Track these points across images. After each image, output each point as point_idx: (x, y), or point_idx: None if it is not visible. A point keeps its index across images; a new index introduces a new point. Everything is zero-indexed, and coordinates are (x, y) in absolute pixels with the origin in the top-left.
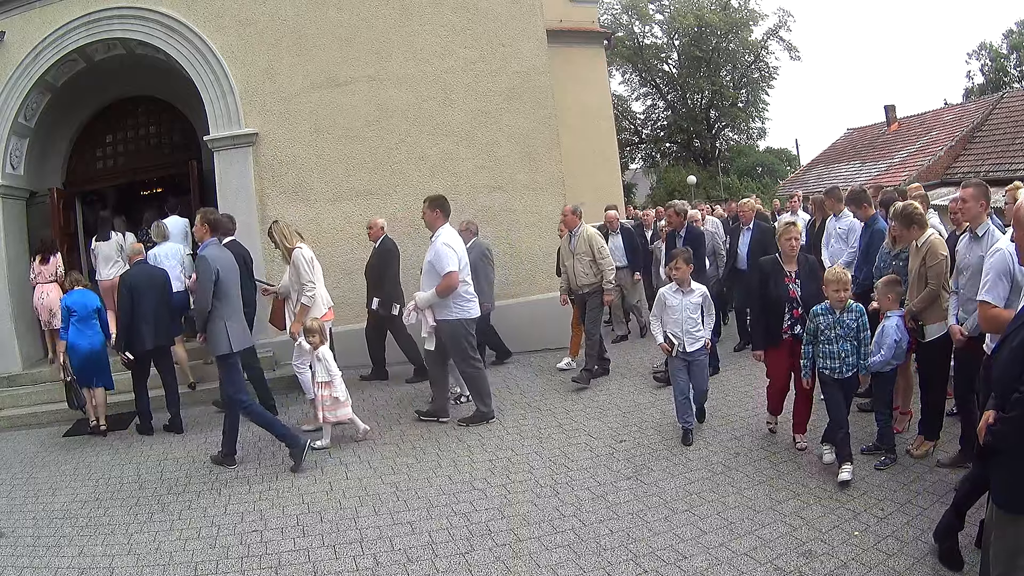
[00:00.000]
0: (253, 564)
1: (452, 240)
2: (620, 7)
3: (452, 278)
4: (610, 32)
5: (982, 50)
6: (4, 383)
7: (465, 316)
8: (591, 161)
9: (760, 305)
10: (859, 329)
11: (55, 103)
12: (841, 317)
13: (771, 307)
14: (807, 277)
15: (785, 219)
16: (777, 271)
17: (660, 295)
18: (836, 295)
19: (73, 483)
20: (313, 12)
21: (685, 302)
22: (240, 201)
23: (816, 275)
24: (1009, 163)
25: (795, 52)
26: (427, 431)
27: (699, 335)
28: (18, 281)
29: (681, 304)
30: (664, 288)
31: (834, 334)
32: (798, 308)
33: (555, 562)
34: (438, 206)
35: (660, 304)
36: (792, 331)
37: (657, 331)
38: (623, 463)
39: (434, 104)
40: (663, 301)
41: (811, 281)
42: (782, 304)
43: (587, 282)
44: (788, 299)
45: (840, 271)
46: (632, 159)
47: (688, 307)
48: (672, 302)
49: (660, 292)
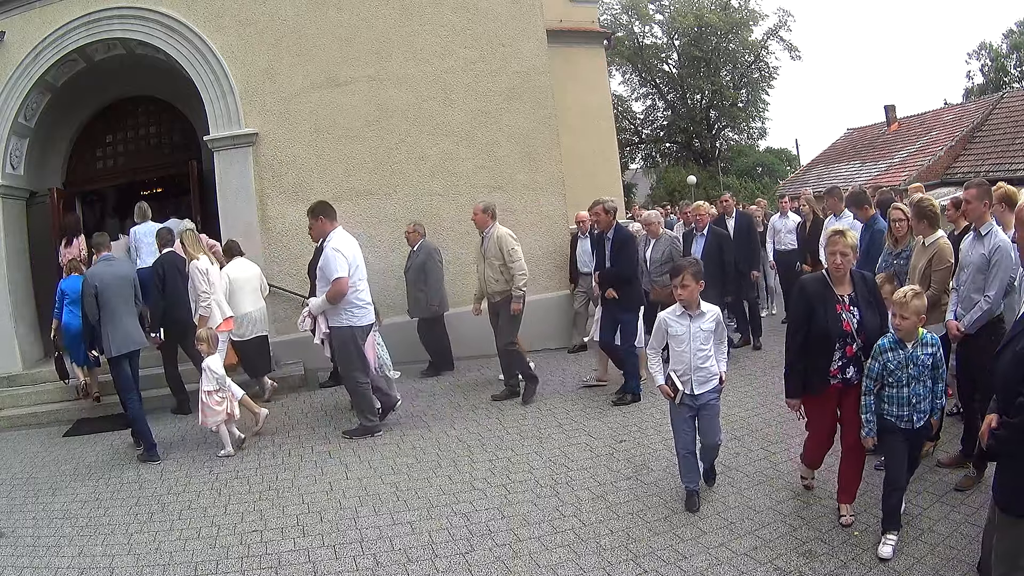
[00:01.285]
0: (253, 564)
1: (343, 245)
2: (620, 7)
3: (341, 284)
4: (610, 32)
5: (982, 50)
6: (4, 383)
7: (355, 324)
8: (591, 161)
9: (801, 340)
10: (935, 365)
11: (55, 103)
12: (914, 352)
13: (816, 343)
14: (866, 303)
15: (832, 226)
16: (826, 296)
17: (660, 322)
18: (907, 323)
19: (73, 483)
20: (313, 12)
21: (694, 330)
22: (240, 201)
23: (877, 299)
24: (1009, 163)
25: (795, 52)
26: (427, 431)
27: (711, 372)
28: (18, 281)
29: (689, 333)
30: (665, 313)
31: (905, 375)
32: (852, 345)
33: (555, 562)
34: (319, 214)
35: (659, 334)
36: (843, 374)
37: (656, 370)
38: (623, 463)
39: (434, 104)
40: (663, 330)
41: (871, 308)
42: (831, 339)
43: (498, 289)
44: (841, 333)
45: (911, 292)
46: (632, 159)
47: (698, 336)
48: (677, 330)
49: (660, 318)
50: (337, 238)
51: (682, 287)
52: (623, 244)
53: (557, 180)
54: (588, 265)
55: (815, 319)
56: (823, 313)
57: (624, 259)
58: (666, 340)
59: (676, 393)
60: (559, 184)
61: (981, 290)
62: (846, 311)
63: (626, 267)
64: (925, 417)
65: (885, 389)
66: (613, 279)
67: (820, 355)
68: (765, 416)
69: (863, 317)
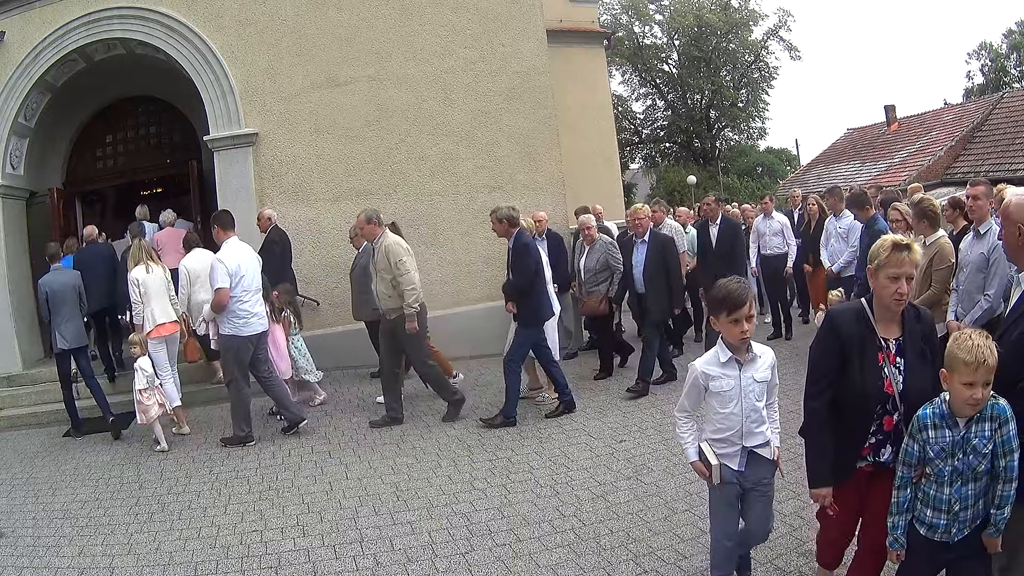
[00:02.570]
0: (253, 564)
1: (227, 255)
2: (620, 7)
3: (220, 294)
4: (610, 32)
5: (982, 50)
6: (4, 383)
7: (237, 333)
8: (591, 161)
9: (829, 403)
10: (998, 454)
11: (55, 103)
12: (967, 434)
13: (845, 409)
14: (917, 352)
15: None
16: (866, 340)
17: (696, 376)
18: (969, 393)
19: (73, 483)
20: (313, 12)
21: (746, 382)
22: (240, 201)
23: (932, 346)
24: (1009, 163)
25: (795, 52)
26: (427, 431)
27: (766, 438)
28: (18, 281)
29: (739, 386)
30: (703, 364)
31: (950, 468)
32: (894, 414)
33: (555, 562)
34: (215, 223)
35: (695, 391)
36: (877, 455)
37: (688, 439)
38: (623, 463)
39: (434, 104)
40: (701, 386)
41: (923, 360)
42: (868, 405)
43: (391, 306)
44: (880, 395)
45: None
46: (632, 159)
47: (751, 391)
48: (722, 385)
49: (696, 371)
50: (225, 248)
51: (747, 321)
52: (518, 254)
53: (557, 180)
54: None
55: (847, 374)
56: (858, 366)
57: (518, 270)
58: (703, 399)
59: (713, 470)
60: (559, 184)
61: (980, 289)
62: (890, 364)
63: (519, 278)
64: (969, 529)
65: (922, 480)
66: (509, 292)
67: (849, 427)
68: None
69: (911, 373)
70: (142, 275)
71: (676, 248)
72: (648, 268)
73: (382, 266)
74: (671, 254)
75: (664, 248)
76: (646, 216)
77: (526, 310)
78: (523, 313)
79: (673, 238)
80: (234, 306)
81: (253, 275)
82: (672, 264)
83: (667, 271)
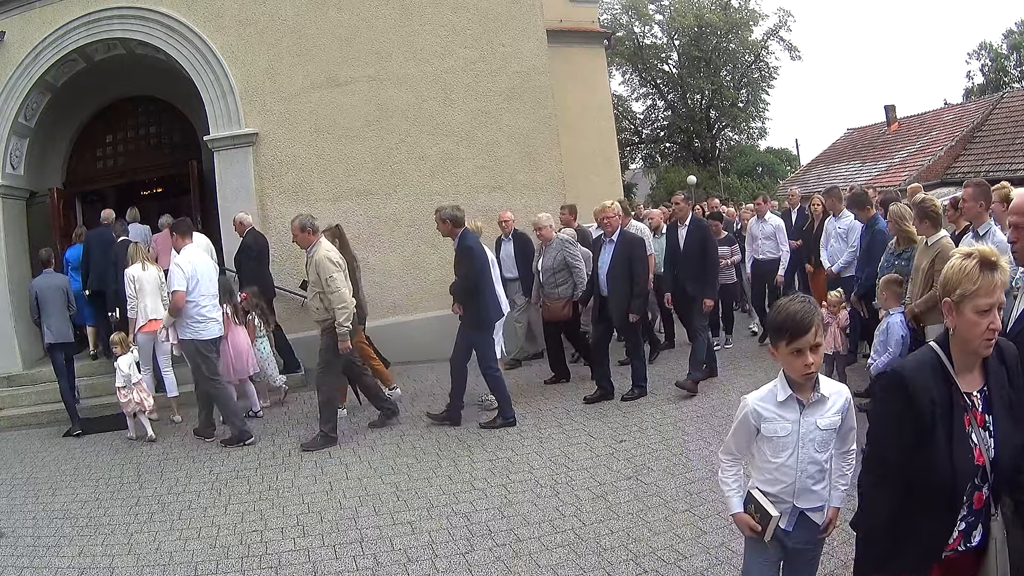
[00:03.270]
0: (253, 564)
1: (184, 260)
2: (620, 7)
3: (176, 297)
4: (610, 32)
5: (982, 50)
6: (4, 383)
7: (196, 337)
8: (591, 161)
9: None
10: None
11: (55, 103)
12: None
13: (933, 494)
14: (1005, 402)
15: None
16: (952, 400)
17: (747, 413)
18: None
19: (73, 483)
20: (313, 12)
21: (807, 428)
22: (240, 201)
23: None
24: (1009, 163)
25: (795, 52)
26: (427, 431)
27: (822, 499)
28: (18, 280)
29: (798, 433)
30: (756, 400)
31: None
32: (983, 487)
33: (555, 562)
34: (174, 230)
35: (744, 432)
36: (967, 541)
37: (732, 486)
38: (623, 463)
39: (434, 104)
40: (752, 424)
41: (1010, 413)
42: (959, 484)
43: (321, 318)
44: (971, 469)
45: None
46: (632, 159)
47: (813, 439)
48: (778, 429)
49: (747, 405)
50: (183, 253)
51: (812, 351)
52: (462, 255)
53: (557, 180)
54: (512, 270)
55: (927, 450)
56: (943, 437)
57: (460, 271)
58: (753, 442)
59: (765, 525)
60: (559, 184)
61: None
62: (978, 427)
63: (463, 280)
64: None
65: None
66: (455, 294)
67: (931, 517)
68: None
69: (1001, 432)
70: (137, 272)
71: (644, 250)
72: (613, 269)
73: (312, 278)
74: (639, 256)
75: (632, 249)
76: (616, 214)
77: (472, 312)
78: (469, 315)
79: (643, 239)
80: (191, 310)
81: (210, 280)
82: (638, 267)
83: (632, 274)
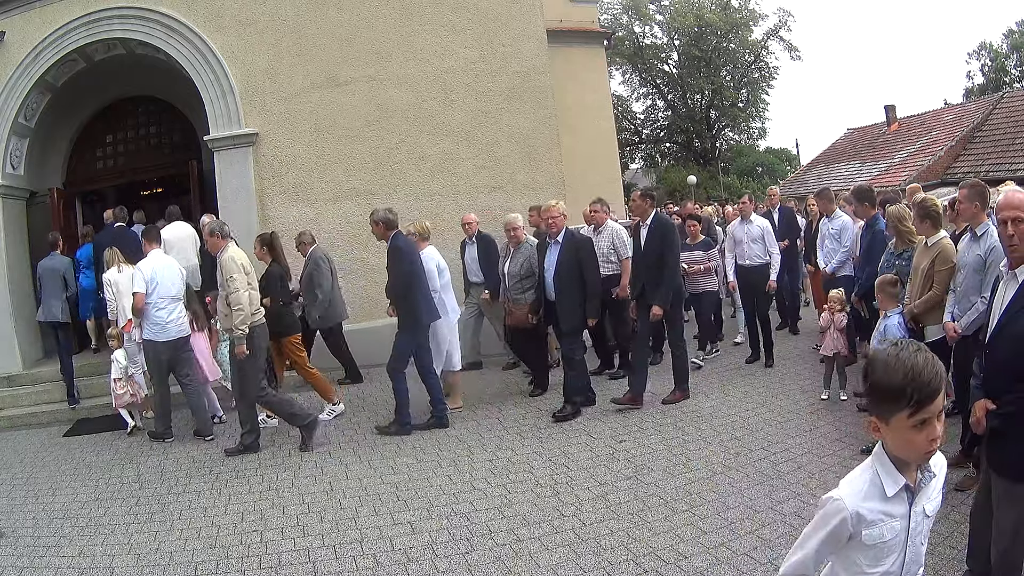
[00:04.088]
0: (253, 564)
1: (146, 264)
2: (620, 7)
3: (135, 299)
4: (610, 32)
5: (982, 50)
6: (4, 383)
7: (155, 338)
8: (591, 161)
9: None
10: None
11: (55, 103)
12: None
13: None
14: None
15: None
16: None
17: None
18: None
19: (73, 483)
20: (313, 12)
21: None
22: (240, 201)
23: None
24: (1009, 163)
25: (795, 52)
26: (427, 431)
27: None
28: (18, 280)
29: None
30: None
31: None
32: None
33: (555, 562)
34: (143, 237)
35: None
36: None
37: None
38: (623, 463)
39: (434, 104)
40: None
41: None
42: None
43: (227, 325)
44: None
45: None
46: (632, 159)
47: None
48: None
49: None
50: (148, 259)
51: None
52: (392, 257)
53: (557, 180)
54: (477, 274)
55: None
56: None
57: (392, 273)
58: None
59: None
60: (559, 184)
61: (978, 291)
62: None
63: (392, 280)
64: None
65: None
66: (389, 295)
67: None
68: (765, 416)
69: None
70: (115, 275)
71: (594, 251)
72: (560, 272)
73: (220, 282)
74: (587, 257)
75: (579, 250)
76: (560, 214)
77: (404, 314)
78: (401, 317)
79: (591, 239)
80: (151, 313)
81: (171, 285)
82: (588, 269)
83: (582, 279)
